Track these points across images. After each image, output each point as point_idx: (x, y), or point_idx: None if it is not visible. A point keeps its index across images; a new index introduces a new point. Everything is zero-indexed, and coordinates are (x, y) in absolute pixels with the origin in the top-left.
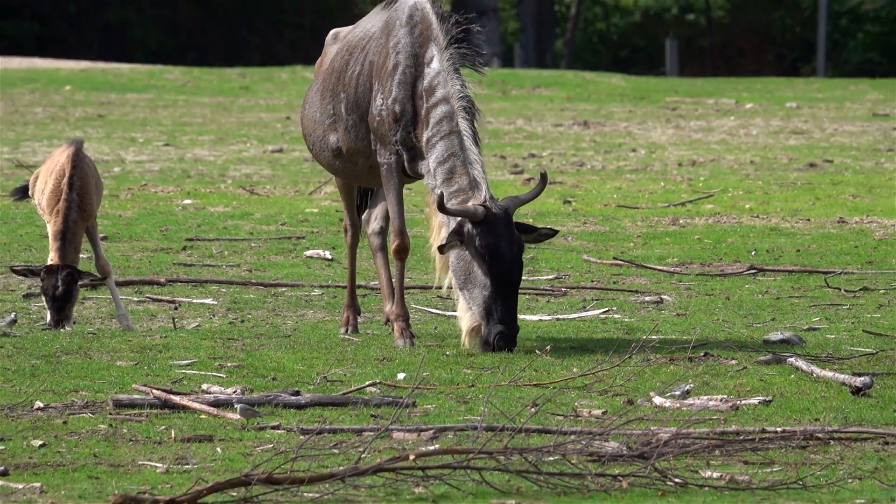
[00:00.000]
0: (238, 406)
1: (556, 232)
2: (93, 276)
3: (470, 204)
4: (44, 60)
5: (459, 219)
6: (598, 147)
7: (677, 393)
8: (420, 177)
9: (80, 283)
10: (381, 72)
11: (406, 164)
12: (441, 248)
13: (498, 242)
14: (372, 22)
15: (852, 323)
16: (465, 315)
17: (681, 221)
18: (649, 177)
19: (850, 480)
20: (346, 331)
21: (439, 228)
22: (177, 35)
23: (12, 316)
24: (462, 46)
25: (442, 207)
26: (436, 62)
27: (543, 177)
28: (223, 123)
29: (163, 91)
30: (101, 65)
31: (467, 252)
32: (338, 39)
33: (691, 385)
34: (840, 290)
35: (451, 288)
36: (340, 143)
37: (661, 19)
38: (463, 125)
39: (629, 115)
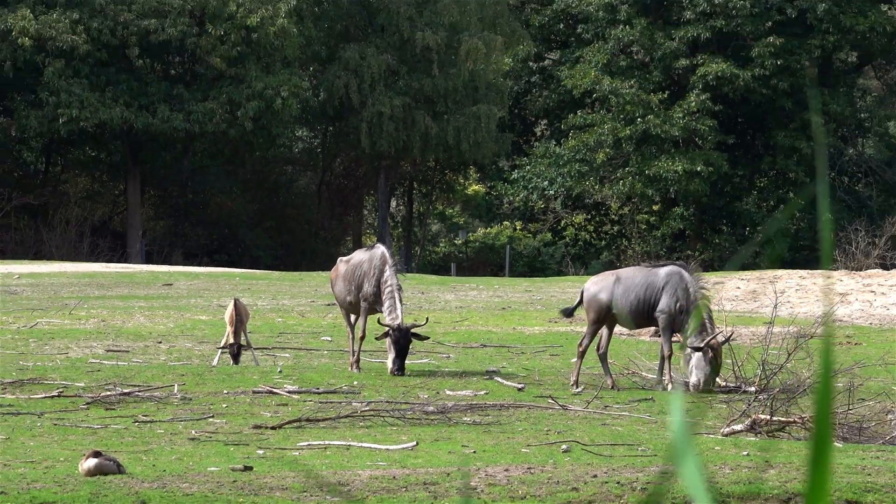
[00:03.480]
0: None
1: (429, 338)
2: (246, 347)
3: (393, 324)
4: (228, 269)
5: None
6: (426, 302)
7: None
8: (380, 312)
9: (243, 349)
10: (368, 275)
11: (374, 306)
12: (377, 338)
13: (400, 339)
14: (362, 256)
15: (518, 365)
16: (389, 361)
17: (457, 328)
18: (443, 312)
19: (517, 422)
20: (352, 369)
21: (384, 334)
22: (277, 257)
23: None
24: (399, 265)
25: (381, 325)
26: (388, 270)
27: (427, 319)
28: (295, 293)
29: (272, 281)
30: (250, 271)
31: (390, 340)
32: (342, 262)
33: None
34: (513, 353)
35: (388, 350)
36: (352, 300)
37: (450, 256)
38: (396, 295)
39: (438, 289)
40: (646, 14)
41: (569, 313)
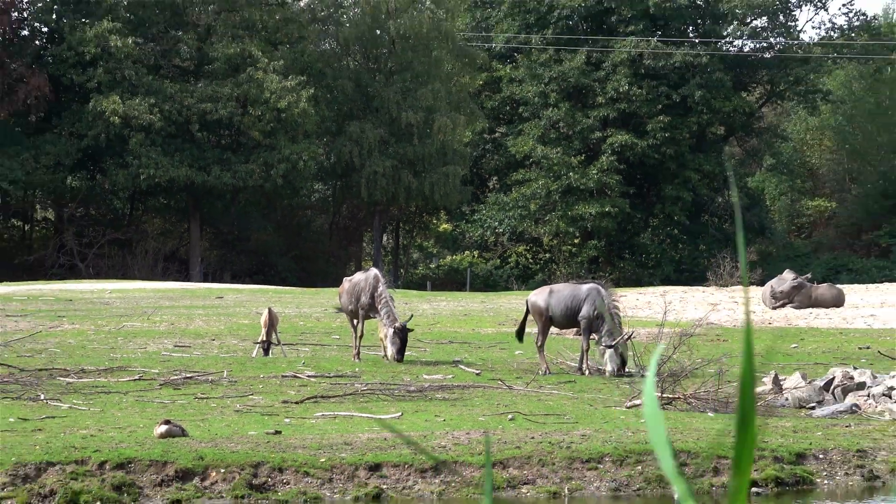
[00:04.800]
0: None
1: (413, 329)
2: (276, 343)
3: (397, 325)
4: (264, 286)
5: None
6: (409, 310)
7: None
8: (374, 318)
9: (273, 345)
10: (365, 290)
11: (369, 313)
12: (383, 338)
13: (401, 334)
14: (361, 276)
15: (476, 357)
16: (389, 351)
17: (431, 329)
18: (421, 318)
19: (475, 398)
20: (354, 359)
21: (382, 330)
22: (299, 277)
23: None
24: (389, 283)
25: (384, 330)
26: (381, 286)
27: (411, 316)
28: (312, 304)
29: (296, 295)
30: (280, 287)
31: (396, 337)
32: (346, 280)
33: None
34: (472, 347)
35: (388, 345)
36: (353, 308)
37: (426, 276)
38: (390, 304)
39: (418, 301)
40: (569, 99)
41: (519, 334)
